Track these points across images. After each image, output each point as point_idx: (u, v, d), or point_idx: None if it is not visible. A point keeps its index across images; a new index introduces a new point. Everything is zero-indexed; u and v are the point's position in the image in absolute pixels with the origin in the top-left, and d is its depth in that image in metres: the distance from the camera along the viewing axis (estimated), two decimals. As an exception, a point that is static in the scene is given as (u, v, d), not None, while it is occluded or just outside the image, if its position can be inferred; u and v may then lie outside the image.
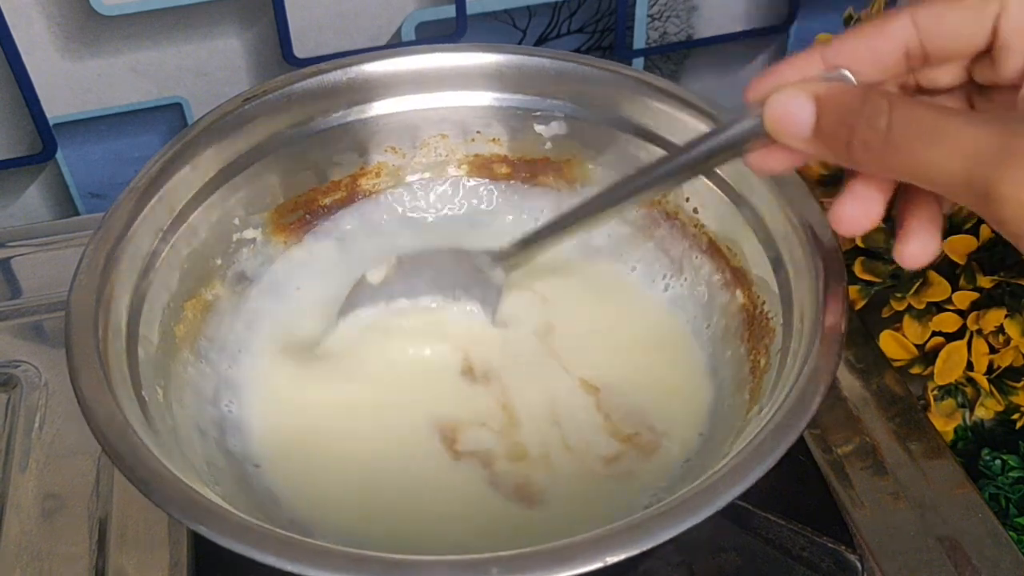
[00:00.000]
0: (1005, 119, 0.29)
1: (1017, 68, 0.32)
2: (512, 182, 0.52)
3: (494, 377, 0.45)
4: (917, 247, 0.34)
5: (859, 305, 0.53)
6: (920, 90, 0.35)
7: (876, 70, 0.33)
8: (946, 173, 0.29)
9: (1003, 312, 0.48)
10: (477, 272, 0.46)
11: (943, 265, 0.50)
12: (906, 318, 0.51)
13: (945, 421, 0.51)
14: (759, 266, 0.44)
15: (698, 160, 0.37)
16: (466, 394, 0.45)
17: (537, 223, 0.48)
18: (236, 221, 0.47)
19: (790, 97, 0.32)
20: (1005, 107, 0.33)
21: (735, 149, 0.35)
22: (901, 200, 0.35)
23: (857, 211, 0.34)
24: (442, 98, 0.49)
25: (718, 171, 0.46)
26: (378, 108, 0.49)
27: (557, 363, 0.46)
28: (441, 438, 0.43)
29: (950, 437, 0.52)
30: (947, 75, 0.34)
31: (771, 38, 0.72)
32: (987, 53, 0.33)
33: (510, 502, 0.41)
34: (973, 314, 0.49)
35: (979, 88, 0.35)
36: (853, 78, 0.33)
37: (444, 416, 0.44)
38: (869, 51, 0.33)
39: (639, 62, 0.70)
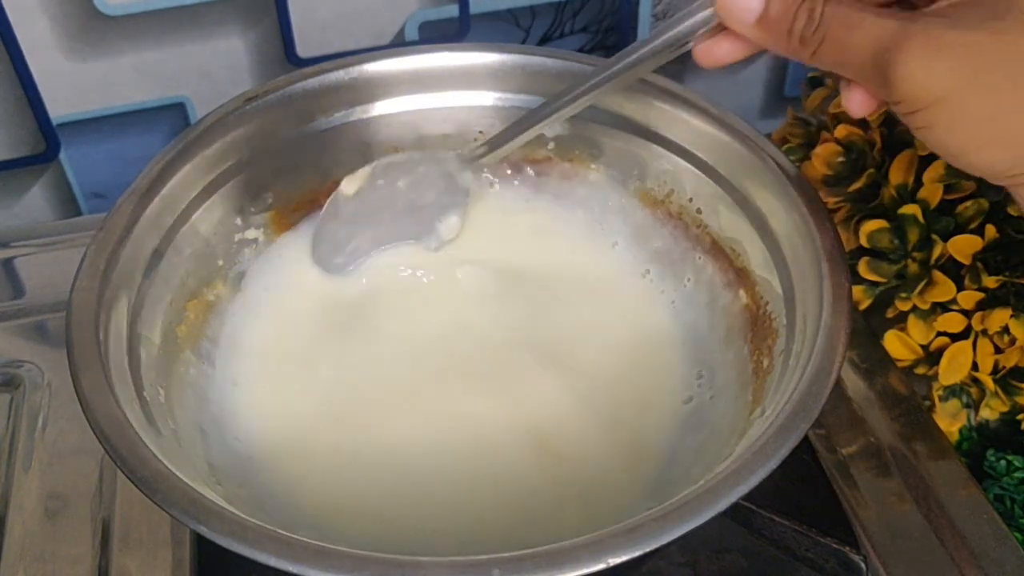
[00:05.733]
0: (906, 12, 0.34)
1: None
2: (515, 182, 0.52)
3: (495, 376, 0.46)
4: (860, 94, 0.37)
5: (864, 305, 0.52)
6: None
7: None
8: (859, 60, 0.34)
9: (1008, 312, 0.48)
10: (448, 177, 0.48)
11: (948, 265, 0.50)
12: (911, 318, 0.51)
13: (950, 422, 0.51)
14: (762, 267, 0.44)
15: (656, 51, 0.40)
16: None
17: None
18: (238, 221, 0.47)
19: None
20: None
21: (689, 38, 0.39)
22: None
23: (726, 50, 0.39)
24: (444, 98, 0.49)
25: (722, 172, 0.46)
26: (381, 108, 0.49)
27: (553, 360, 0.46)
28: (443, 431, 0.43)
29: (955, 438, 0.52)
30: None
31: (775, 37, 0.72)
32: None
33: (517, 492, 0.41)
34: (978, 314, 0.49)
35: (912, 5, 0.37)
36: None
37: (445, 410, 0.44)
38: None
39: (643, 61, 0.70)
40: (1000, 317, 0.48)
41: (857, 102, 0.37)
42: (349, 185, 0.48)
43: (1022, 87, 0.32)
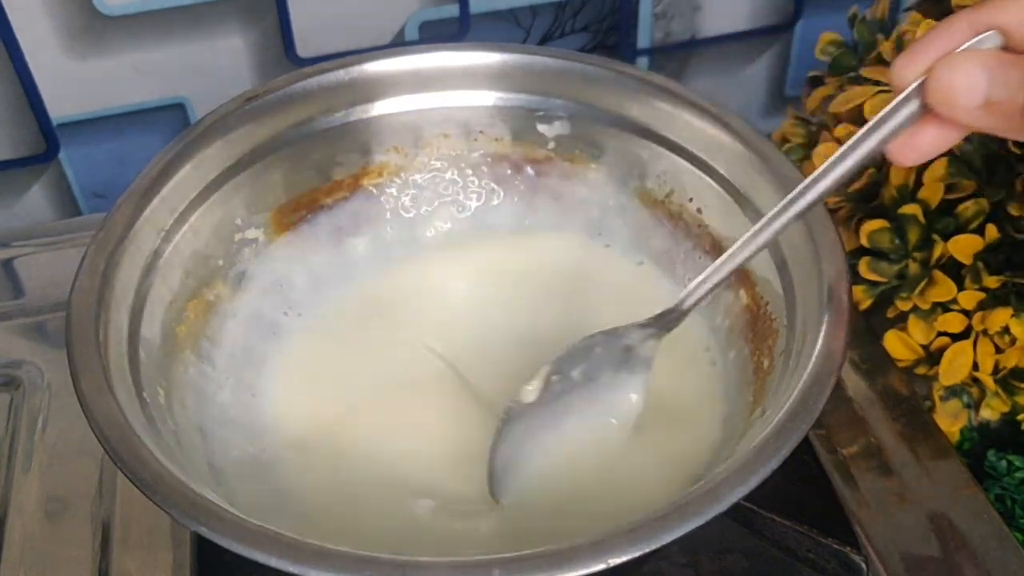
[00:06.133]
0: None
1: None
2: (515, 182, 0.52)
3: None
4: None
5: (864, 305, 0.52)
6: None
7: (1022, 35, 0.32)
8: None
9: (1009, 312, 0.48)
10: (627, 351, 0.42)
11: (949, 265, 0.50)
12: (911, 318, 0.51)
13: (950, 422, 0.51)
14: (763, 267, 0.43)
15: (864, 160, 0.35)
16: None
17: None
18: (238, 221, 0.47)
19: (960, 68, 0.32)
20: None
21: (889, 142, 0.34)
22: None
23: (931, 139, 0.33)
24: (445, 97, 0.49)
25: (722, 172, 0.46)
26: (380, 108, 0.49)
27: None
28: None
29: (955, 438, 0.52)
30: None
31: (776, 37, 0.72)
32: None
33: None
34: (979, 314, 0.49)
35: None
36: (1002, 40, 0.32)
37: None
38: (1017, 16, 0.32)
39: (643, 61, 0.70)
40: (1001, 317, 0.48)
41: None
42: (527, 394, 0.42)
43: None
